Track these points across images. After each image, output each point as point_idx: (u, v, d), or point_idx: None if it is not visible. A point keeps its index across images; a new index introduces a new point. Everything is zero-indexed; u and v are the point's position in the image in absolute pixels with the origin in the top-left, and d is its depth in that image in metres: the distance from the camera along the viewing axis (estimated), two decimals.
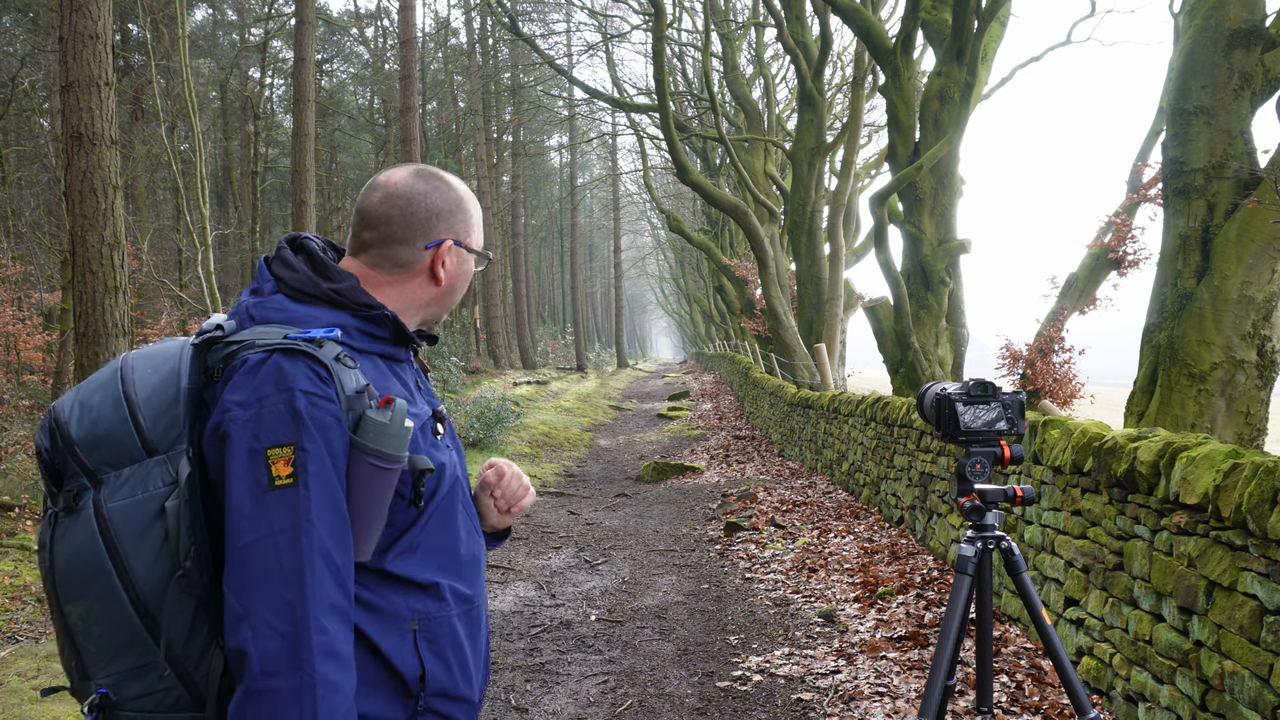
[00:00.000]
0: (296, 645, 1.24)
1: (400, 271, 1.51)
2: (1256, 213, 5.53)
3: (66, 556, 1.31)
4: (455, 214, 1.53)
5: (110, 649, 1.30)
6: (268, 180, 29.21)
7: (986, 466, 2.60)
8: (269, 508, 1.27)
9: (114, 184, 9.14)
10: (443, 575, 1.46)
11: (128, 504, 1.30)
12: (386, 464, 1.34)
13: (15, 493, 8.63)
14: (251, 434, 1.28)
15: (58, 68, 9.96)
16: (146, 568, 1.29)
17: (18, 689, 4.20)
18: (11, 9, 18.72)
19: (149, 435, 1.33)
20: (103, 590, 1.29)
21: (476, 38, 32.51)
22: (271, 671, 1.23)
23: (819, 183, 15.98)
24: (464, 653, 1.48)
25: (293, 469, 1.28)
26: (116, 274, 9.20)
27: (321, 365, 1.33)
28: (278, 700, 1.23)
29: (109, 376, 1.38)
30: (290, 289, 1.44)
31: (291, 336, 1.35)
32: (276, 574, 1.26)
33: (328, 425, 1.31)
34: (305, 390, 1.30)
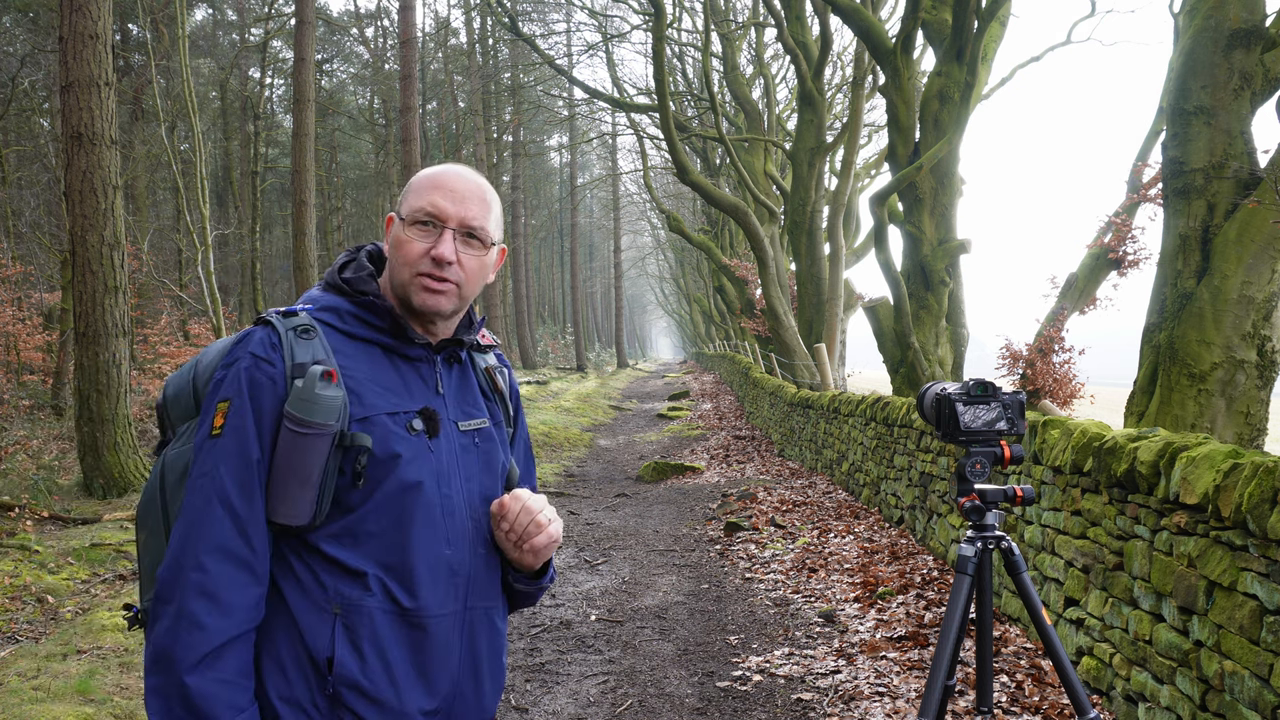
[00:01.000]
0: (176, 577, 1.36)
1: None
2: (1256, 213, 5.53)
3: (144, 492, 1.54)
4: (407, 193, 1.59)
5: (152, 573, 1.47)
6: (268, 180, 29.20)
7: (986, 466, 2.60)
8: (203, 454, 1.43)
9: (114, 184, 9.14)
10: (380, 570, 1.45)
11: (177, 452, 1.51)
12: (302, 429, 1.41)
13: (15, 493, 8.63)
14: (214, 391, 1.46)
15: (58, 68, 9.96)
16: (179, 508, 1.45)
17: (18, 689, 4.20)
18: (11, 9, 18.72)
19: (200, 396, 1.54)
20: (154, 523, 1.50)
21: (476, 38, 32.51)
22: (159, 597, 1.37)
23: (819, 183, 15.98)
24: (387, 653, 1.44)
25: (224, 420, 1.42)
26: (116, 274, 9.20)
27: (276, 332, 1.47)
28: (158, 626, 1.35)
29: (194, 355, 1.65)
30: (324, 282, 1.60)
31: (273, 311, 1.51)
32: (188, 513, 1.40)
33: (260, 385, 1.43)
34: (253, 353, 1.45)
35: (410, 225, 1.53)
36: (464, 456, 1.56)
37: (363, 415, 1.45)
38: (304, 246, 15.29)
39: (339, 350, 1.49)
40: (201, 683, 1.32)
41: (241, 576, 1.38)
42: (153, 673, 1.34)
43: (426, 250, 1.52)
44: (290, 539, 1.45)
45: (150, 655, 1.35)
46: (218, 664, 1.34)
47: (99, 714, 3.95)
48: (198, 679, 1.32)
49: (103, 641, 4.82)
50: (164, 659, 1.33)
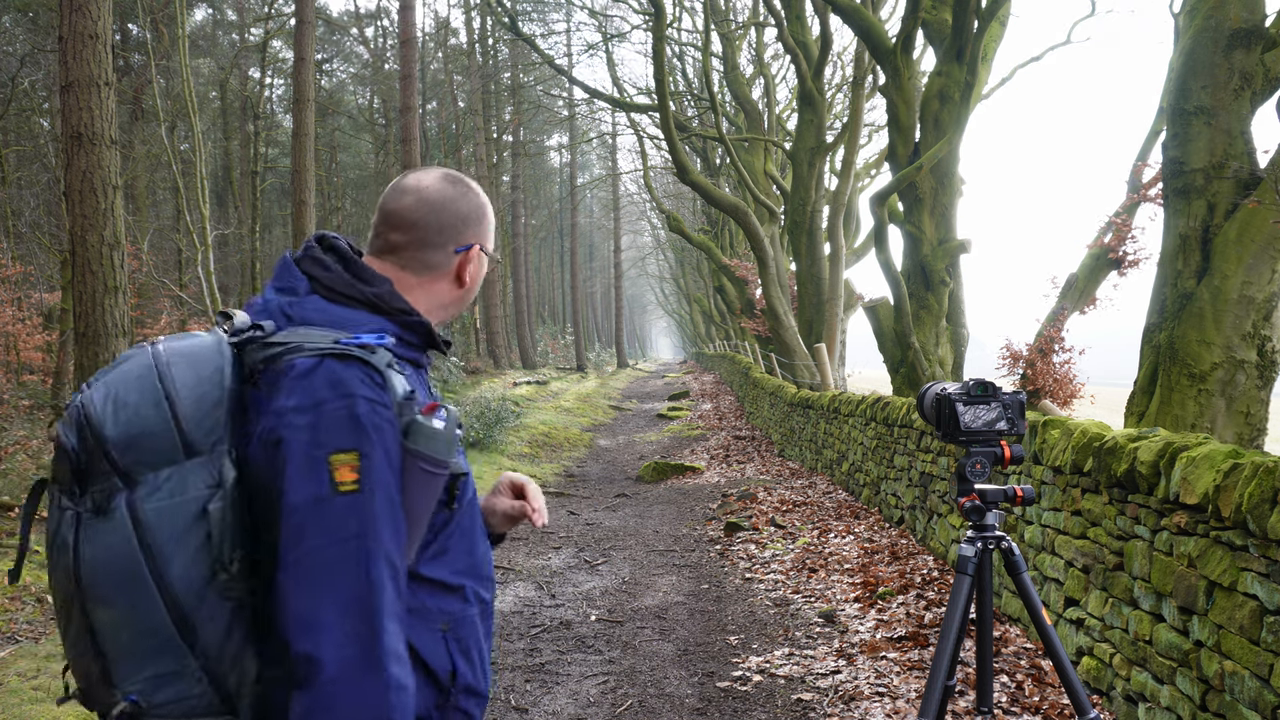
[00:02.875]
0: (369, 649, 1.25)
1: (429, 274, 1.54)
2: (1256, 213, 5.53)
3: (96, 560, 1.26)
4: (482, 220, 1.58)
5: (141, 655, 1.27)
6: (268, 180, 29.20)
7: (986, 466, 2.60)
8: (334, 514, 1.27)
9: (114, 184, 9.14)
10: (467, 578, 1.50)
11: (166, 506, 1.27)
12: (437, 469, 1.36)
13: (15, 493, 8.63)
14: (310, 440, 1.28)
15: (58, 68, 9.96)
16: (184, 571, 1.26)
17: (18, 689, 4.20)
18: (11, 9, 18.72)
19: (191, 436, 1.29)
20: (136, 595, 1.25)
21: (476, 38, 32.51)
22: (344, 677, 1.24)
23: (819, 183, 15.98)
24: (484, 650, 1.53)
25: (357, 475, 1.28)
26: (116, 274, 9.20)
27: (376, 371, 1.34)
28: (352, 703, 1.24)
29: (143, 372, 1.32)
30: (326, 289, 1.44)
31: (344, 342, 1.34)
32: (345, 580, 1.26)
33: (385, 431, 1.31)
34: (365, 396, 1.31)
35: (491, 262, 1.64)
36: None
37: None
38: None
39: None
40: None
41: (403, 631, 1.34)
42: None
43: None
44: None
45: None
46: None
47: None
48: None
49: None
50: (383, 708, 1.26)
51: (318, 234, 1.53)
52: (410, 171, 1.58)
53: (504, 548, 7.83)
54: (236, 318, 1.42)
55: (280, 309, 1.43)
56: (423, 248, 1.53)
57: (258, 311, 1.44)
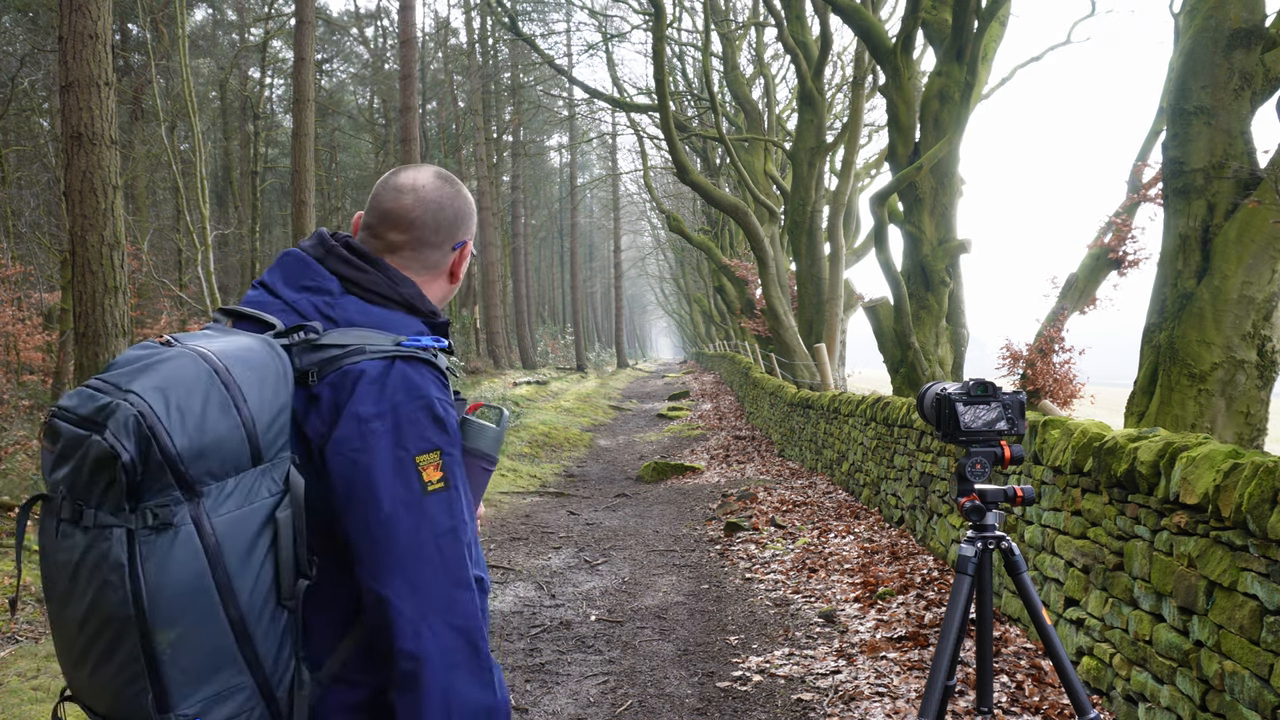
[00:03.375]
0: (472, 638, 1.32)
1: (428, 273, 1.57)
2: (1256, 213, 5.53)
3: (161, 579, 1.17)
4: (472, 218, 1.64)
5: (201, 674, 1.21)
6: (268, 180, 29.20)
7: (987, 466, 2.60)
8: (427, 512, 1.31)
9: (114, 184, 9.14)
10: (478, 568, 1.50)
11: (235, 516, 1.22)
12: (489, 465, 1.46)
13: (15, 493, 8.63)
14: (395, 442, 1.31)
15: (58, 68, 9.96)
16: (249, 584, 1.22)
17: (18, 689, 4.20)
18: (11, 9, 18.72)
19: (260, 442, 1.25)
20: (202, 612, 1.19)
21: (476, 38, 32.51)
22: (456, 664, 1.30)
23: (819, 183, 15.98)
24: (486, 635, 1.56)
25: (442, 473, 1.34)
26: (116, 274, 9.20)
27: (442, 373, 1.41)
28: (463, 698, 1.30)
29: (203, 377, 1.24)
30: (363, 290, 1.46)
31: (407, 344, 1.39)
32: (444, 576, 1.31)
33: (456, 430, 1.39)
34: (438, 397, 1.37)
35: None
36: None
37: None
38: None
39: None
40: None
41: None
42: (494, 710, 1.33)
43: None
44: None
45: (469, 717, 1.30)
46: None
47: None
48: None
49: None
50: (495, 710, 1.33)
51: (330, 232, 1.52)
52: (402, 169, 1.57)
53: (504, 548, 7.84)
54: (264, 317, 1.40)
55: (316, 309, 1.42)
56: (422, 247, 1.55)
57: (279, 311, 1.42)
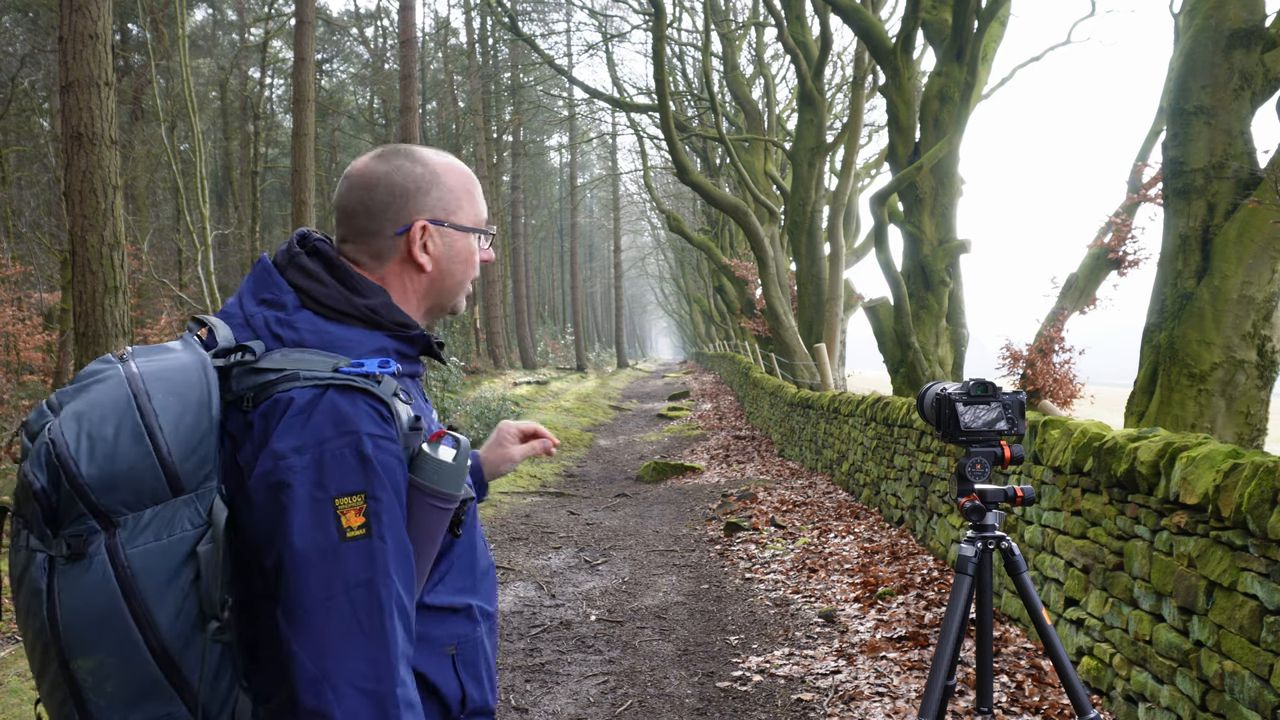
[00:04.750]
0: (383, 704, 1.18)
1: (381, 265, 1.38)
2: (1256, 213, 5.53)
3: (74, 608, 1.15)
4: (427, 192, 1.39)
5: (125, 702, 1.18)
6: (268, 180, 29.20)
7: (987, 466, 2.60)
8: (342, 561, 1.18)
9: (114, 184, 9.14)
10: (471, 596, 1.43)
11: (151, 549, 1.16)
12: (446, 504, 1.28)
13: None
14: (314, 482, 1.18)
15: (58, 68, 9.96)
16: (170, 616, 1.16)
17: (17, 689, 4.20)
18: (11, 9, 18.72)
19: (177, 473, 1.17)
20: (119, 642, 1.15)
21: (476, 38, 32.51)
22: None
23: (819, 183, 15.98)
24: (491, 666, 1.46)
25: (364, 519, 1.19)
26: (116, 274, 9.20)
27: (383, 404, 1.24)
28: None
29: (120, 402, 1.18)
30: (318, 304, 1.32)
31: (345, 371, 1.24)
32: (355, 631, 1.18)
33: (393, 469, 1.23)
34: (370, 433, 1.21)
35: (474, 234, 1.45)
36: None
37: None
38: None
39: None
40: None
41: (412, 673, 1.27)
42: None
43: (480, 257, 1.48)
44: None
45: None
46: None
47: None
48: None
49: None
50: None
51: (299, 233, 1.39)
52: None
53: (504, 548, 7.84)
54: (218, 331, 1.29)
55: (267, 326, 1.29)
56: (364, 237, 1.38)
57: (239, 325, 1.31)
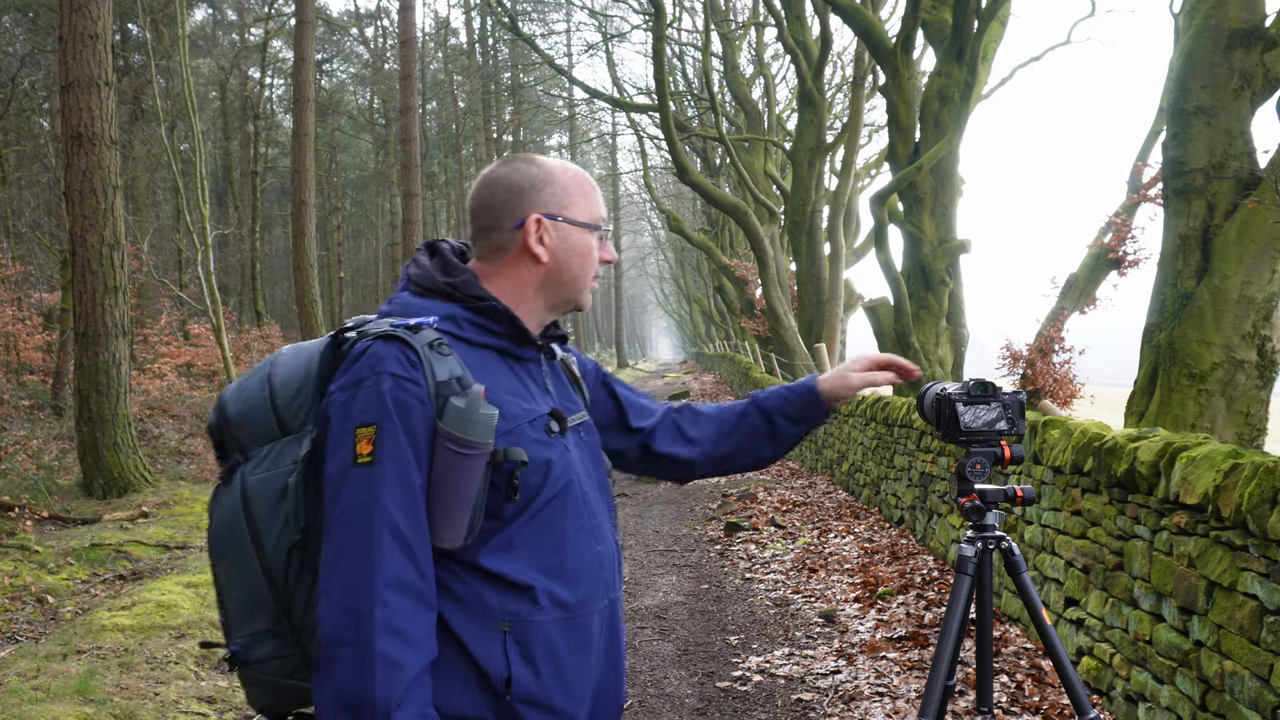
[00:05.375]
0: (358, 618, 1.28)
1: (500, 258, 1.53)
2: (1256, 213, 5.53)
3: (218, 521, 1.43)
4: (540, 189, 1.52)
5: (244, 610, 1.41)
6: (268, 180, 29.20)
7: (987, 467, 2.60)
8: (350, 484, 1.32)
9: (114, 184, 9.14)
10: (541, 578, 1.43)
11: (264, 477, 1.40)
12: (464, 449, 1.35)
13: (15, 493, 8.63)
14: (344, 414, 1.35)
15: (58, 68, 9.95)
16: (274, 538, 1.37)
17: (18, 689, 4.20)
18: (11, 9, 18.71)
19: (284, 415, 1.43)
20: (239, 555, 1.39)
21: (476, 38, 32.51)
22: (336, 641, 1.28)
23: (819, 183, 15.98)
24: (561, 662, 1.43)
25: (372, 447, 1.33)
26: (116, 274, 9.20)
27: (412, 350, 1.37)
28: (341, 669, 1.28)
29: (265, 362, 1.49)
30: (415, 285, 1.51)
31: (394, 324, 1.40)
32: (348, 548, 1.31)
33: (409, 406, 1.34)
34: (393, 373, 1.35)
35: (591, 231, 1.56)
36: (579, 451, 1.56)
37: (507, 428, 1.42)
38: (304, 246, 15.28)
39: (465, 361, 1.42)
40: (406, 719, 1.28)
41: (419, 606, 1.33)
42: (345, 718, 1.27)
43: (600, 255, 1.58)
44: (443, 559, 1.39)
45: (336, 700, 1.27)
46: (416, 698, 1.30)
47: (99, 714, 3.95)
48: (403, 716, 1.27)
49: (103, 641, 4.82)
50: (360, 703, 1.26)
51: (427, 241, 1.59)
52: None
53: None
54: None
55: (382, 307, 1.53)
56: (485, 233, 1.54)
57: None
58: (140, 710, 4.03)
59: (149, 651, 4.65)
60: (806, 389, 1.85)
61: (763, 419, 1.84)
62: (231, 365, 12.60)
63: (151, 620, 5.06)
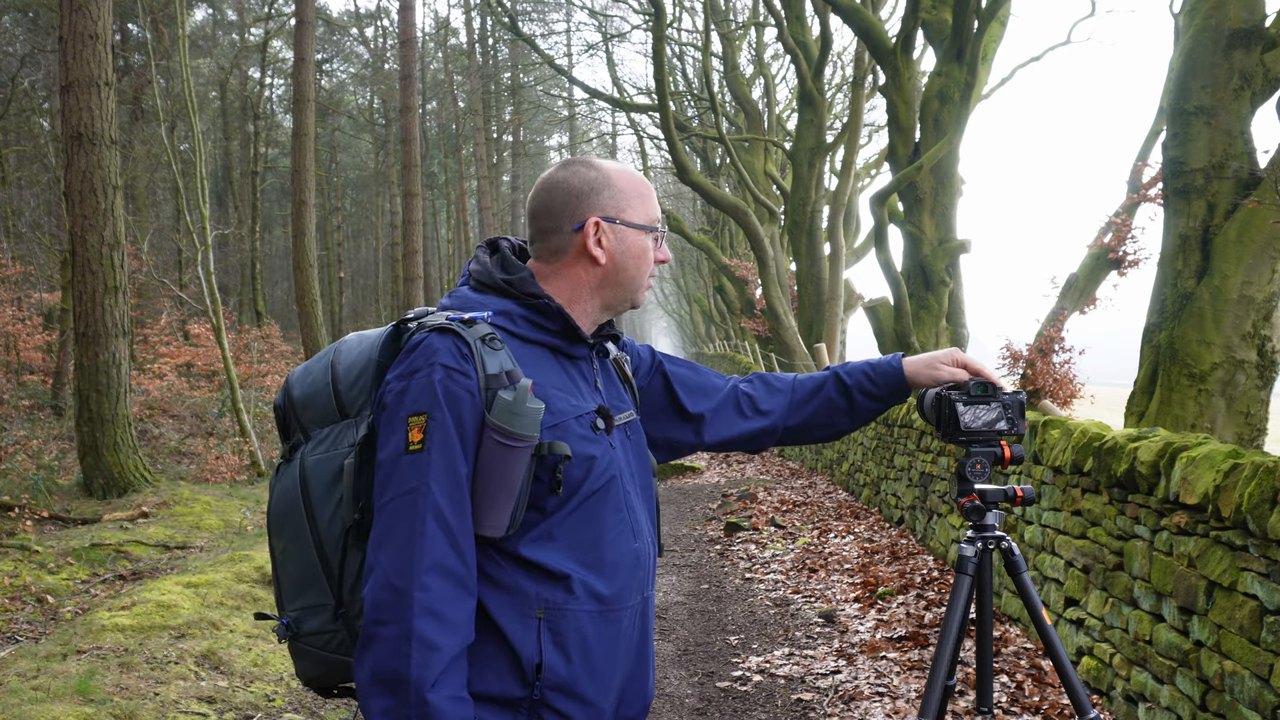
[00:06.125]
0: (399, 599, 1.33)
1: (559, 259, 1.57)
2: (1256, 213, 5.53)
3: (278, 497, 1.51)
4: (599, 192, 1.56)
5: (297, 584, 1.48)
6: (268, 180, 29.21)
7: (987, 467, 2.59)
8: (401, 470, 1.37)
9: (114, 184, 9.14)
10: (578, 569, 1.46)
11: (322, 458, 1.47)
12: (510, 441, 1.39)
13: (15, 493, 8.63)
14: (399, 403, 1.40)
15: (58, 68, 9.95)
16: (328, 517, 1.44)
17: (18, 689, 4.20)
18: (11, 9, 18.71)
19: (344, 400, 1.49)
20: (296, 530, 1.47)
21: (476, 38, 32.50)
22: (377, 620, 1.33)
23: (819, 183, 15.98)
24: (591, 652, 1.47)
25: (423, 435, 1.38)
26: (116, 274, 9.20)
27: (464, 342, 1.41)
28: (379, 647, 1.32)
29: (329, 348, 1.57)
30: (475, 281, 1.56)
31: (450, 318, 1.45)
32: (397, 531, 1.36)
33: (459, 398, 1.39)
34: (445, 364, 1.40)
35: (648, 233, 1.60)
36: (624, 450, 1.58)
37: (553, 422, 1.45)
38: (304, 246, 15.28)
39: (516, 356, 1.46)
40: (440, 700, 1.32)
41: (459, 592, 1.37)
42: (381, 694, 1.32)
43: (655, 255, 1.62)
44: (484, 546, 1.44)
45: (373, 677, 1.33)
46: (451, 681, 1.34)
47: (99, 714, 3.95)
48: (437, 696, 1.32)
49: (103, 641, 4.82)
50: (396, 680, 1.31)
51: (488, 239, 1.63)
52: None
53: None
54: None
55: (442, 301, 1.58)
56: (546, 235, 1.57)
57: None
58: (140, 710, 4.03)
59: (149, 651, 4.65)
60: (892, 368, 1.90)
61: (840, 393, 1.89)
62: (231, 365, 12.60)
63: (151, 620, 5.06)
